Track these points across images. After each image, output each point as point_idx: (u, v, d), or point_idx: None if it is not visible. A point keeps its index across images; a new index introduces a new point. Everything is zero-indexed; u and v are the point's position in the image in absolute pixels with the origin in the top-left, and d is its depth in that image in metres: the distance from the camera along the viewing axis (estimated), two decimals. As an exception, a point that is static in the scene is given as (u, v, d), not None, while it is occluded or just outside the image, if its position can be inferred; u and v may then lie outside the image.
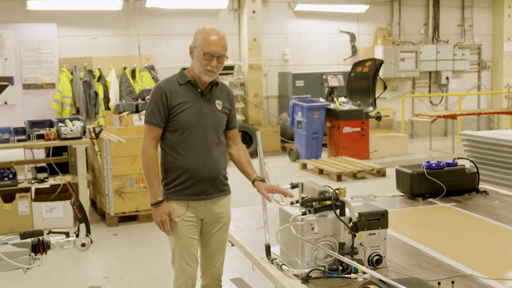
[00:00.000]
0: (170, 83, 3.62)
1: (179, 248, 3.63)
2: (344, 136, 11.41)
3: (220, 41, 3.54)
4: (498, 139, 7.30)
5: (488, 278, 3.18)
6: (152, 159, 3.57)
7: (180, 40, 12.76)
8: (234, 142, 3.86)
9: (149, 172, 3.58)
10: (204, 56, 3.51)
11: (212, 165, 3.62)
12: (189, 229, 3.62)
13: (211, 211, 3.68)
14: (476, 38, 15.86)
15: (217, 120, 3.65)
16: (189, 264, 3.61)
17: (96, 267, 6.15)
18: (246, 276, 5.46)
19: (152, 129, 3.59)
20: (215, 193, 3.67)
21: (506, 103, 15.60)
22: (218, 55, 3.52)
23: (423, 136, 15.17)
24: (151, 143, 3.59)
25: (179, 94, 3.58)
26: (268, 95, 13.79)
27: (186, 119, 3.56)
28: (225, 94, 3.75)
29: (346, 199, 3.26)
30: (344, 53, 14.51)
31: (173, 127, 3.58)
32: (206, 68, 3.52)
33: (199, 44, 3.56)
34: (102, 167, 7.47)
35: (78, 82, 11.61)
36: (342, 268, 3.24)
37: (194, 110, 3.58)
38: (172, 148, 3.61)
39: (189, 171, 3.58)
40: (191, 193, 3.61)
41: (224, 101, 3.71)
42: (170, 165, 3.63)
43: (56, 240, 3.76)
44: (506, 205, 4.80)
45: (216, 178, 3.66)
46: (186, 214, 3.61)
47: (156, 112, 3.56)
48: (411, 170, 5.03)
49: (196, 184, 3.60)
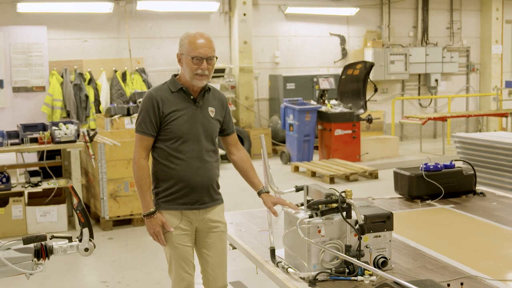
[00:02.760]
0: (162, 91, 3.55)
1: (175, 258, 3.59)
2: (336, 138, 11.44)
3: (206, 42, 3.48)
4: (491, 141, 7.36)
5: (493, 279, 3.21)
6: (143, 170, 3.51)
7: (170, 43, 12.74)
8: (236, 148, 3.82)
9: (140, 182, 3.51)
10: (192, 60, 3.45)
11: (205, 173, 3.58)
12: (184, 238, 3.58)
13: (205, 220, 3.64)
14: (464, 40, 15.97)
15: (210, 127, 3.61)
16: (186, 271, 3.58)
17: (92, 271, 6.12)
18: (245, 279, 5.46)
19: (143, 139, 3.52)
20: (209, 202, 3.64)
21: (494, 105, 15.71)
22: (207, 56, 3.47)
23: (413, 138, 15.25)
24: (143, 153, 3.52)
25: (171, 102, 3.52)
26: (259, 98, 13.81)
27: (179, 128, 3.51)
28: (218, 100, 3.70)
29: (352, 202, 3.27)
30: (334, 55, 14.55)
31: (166, 136, 3.52)
32: (197, 72, 3.47)
33: (186, 49, 3.49)
34: (97, 171, 7.44)
35: (69, 85, 11.56)
36: (349, 271, 3.25)
37: (187, 118, 3.53)
38: (165, 157, 3.55)
39: (183, 180, 3.53)
40: (185, 202, 3.57)
41: (217, 107, 3.67)
42: (163, 174, 3.56)
43: (59, 245, 3.73)
44: (504, 207, 4.83)
45: (210, 187, 3.62)
46: (180, 223, 3.57)
47: (147, 121, 3.49)
48: (410, 172, 5.05)
49: (190, 193, 3.56)
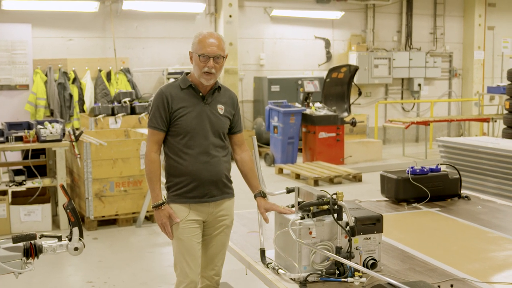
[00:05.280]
0: (172, 88, 3.65)
1: (181, 251, 3.63)
2: (320, 141, 11.49)
3: (215, 41, 3.57)
4: (475, 145, 7.45)
5: (481, 282, 3.26)
6: (153, 163, 3.61)
7: (156, 43, 12.73)
8: (241, 149, 3.88)
9: (150, 175, 3.61)
10: (199, 58, 3.55)
11: (213, 168, 3.64)
12: (192, 231, 3.62)
13: (214, 213, 3.70)
14: (447, 46, 16.13)
15: (218, 124, 3.67)
16: (191, 268, 3.61)
17: (78, 271, 6.10)
18: (232, 281, 5.48)
19: (154, 133, 3.62)
20: (218, 195, 3.69)
21: (476, 110, 15.88)
22: (213, 55, 3.54)
23: (395, 142, 15.36)
24: (154, 147, 3.63)
25: (180, 99, 3.61)
26: (244, 100, 13.83)
27: (187, 123, 3.59)
28: (228, 98, 3.78)
29: (343, 204, 3.30)
30: (319, 59, 14.62)
31: (175, 132, 3.62)
32: (204, 70, 3.55)
33: (195, 47, 3.59)
34: (82, 170, 7.41)
35: (53, 84, 11.50)
36: (339, 272, 3.28)
37: (195, 115, 3.61)
38: (174, 152, 3.64)
39: (191, 175, 3.60)
40: (193, 195, 3.63)
41: (226, 105, 3.74)
42: (173, 168, 3.65)
43: (48, 244, 3.72)
44: (489, 210, 4.90)
45: (219, 181, 3.67)
46: (188, 216, 3.62)
47: (157, 116, 3.60)
48: (396, 175, 5.10)
49: (198, 187, 3.62)
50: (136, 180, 7.54)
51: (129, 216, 7.60)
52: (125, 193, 7.51)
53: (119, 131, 8.98)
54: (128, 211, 7.58)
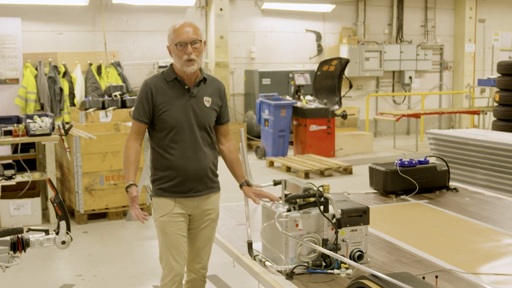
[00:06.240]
0: (157, 80, 3.63)
1: (167, 245, 3.62)
2: (311, 134, 11.50)
3: (189, 28, 3.54)
4: (464, 138, 7.48)
5: (466, 273, 3.28)
6: (129, 148, 3.62)
7: (146, 36, 12.69)
8: (226, 139, 3.87)
9: (124, 160, 3.63)
10: (177, 47, 3.52)
11: (199, 163, 3.63)
12: (177, 225, 3.62)
13: (200, 207, 3.69)
14: (438, 39, 16.15)
15: (205, 117, 3.65)
16: (177, 261, 3.61)
17: (67, 265, 6.09)
18: (221, 273, 5.49)
19: (136, 124, 3.64)
20: (203, 190, 3.68)
21: (466, 103, 15.93)
22: (190, 40, 3.52)
23: (386, 135, 15.39)
24: (133, 135, 3.65)
25: (165, 92, 3.59)
26: (235, 93, 13.82)
27: (172, 117, 3.57)
28: (215, 89, 3.74)
29: (330, 196, 3.31)
30: (310, 52, 14.62)
31: (160, 126, 3.60)
32: (184, 58, 3.52)
33: (171, 39, 3.58)
34: (72, 164, 7.40)
35: (43, 78, 11.45)
36: (326, 264, 3.29)
37: (180, 108, 3.59)
38: (160, 146, 3.63)
39: (176, 169, 3.59)
40: (178, 190, 3.62)
41: (213, 97, 3.71)
42: (158, 162, 3.65)
43: (35, 238, 3.72)
44: (476, 202, 4.92)
45: (204, 176, 3.66)
46: (173, 210, 3.61)
47: (140, 108, 3.61)
48: (385, 167, 5.12)
49: (184, 182, 3.61)
50: (126, 174, 7.51)
51: (119, 210, 7.59)
52: (115, 186, 7.50)
53: (110, 124, 8.96)
54: (118, 205, 7.57)
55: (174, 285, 3.62)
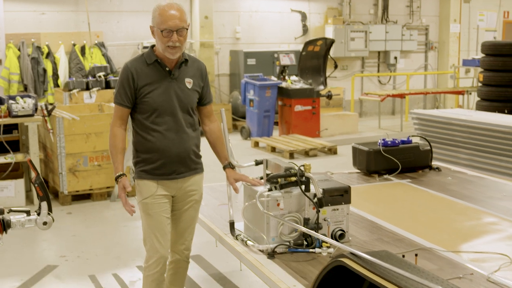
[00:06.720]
0: (138, 63, 3.58)
1: (150, 227, 3.60)
2: (296, 114, 11.50)
3: (177, 14, 3.48)
4: (448, 117, 7.51)
5: (446, 251, 3.31)
6: (115, 136, 3.57)
7: (130, 17, 12.58)
8: (209, 120, 3.84)
9: (111, 148, 3.59)
10: (162, 33, 3.46)
11: (181, 145, 3.60)
12: (160, 206, 3.60)
13: (183, 188, 3.67)
14: (423, 19, 16.14)
15: (187, 99, 3.62)
16: (161, 243, 3.59)
17: (51, 246, 6.08)
18: (205, 253, 5.50)
19: (119, 109, 3.58)
20: (186, 172, 3.66)
21: (451, 83, 15.98)
22: (176, 28, 3.46)
23: (372, 115, 15.41)
24: (117, 121, 3.59)
25: (146, 75, 3.55)
26: (220, 73, 13.77)
27: (154, 100, 3.54)
28: (196, 70, 3.71)
29: (311, 176, 3.32)
30: (295, 32, 14.57)
31: (142, 109, 3.56)
32: (168, 44, 3.47)
33: (157, 22, 3.49)
34: (55, 145, 7.35)
35: (26, 59, 11.33)
36: (307, 243, 3.31)
37: (162, 91, 3.55)
38: (142, 129, 3.59)
39: (159, 152, 3.57)
40: (161, 173, 3.59)
41: (195, 78, 3.68)
42: (141, 145, 3.61)
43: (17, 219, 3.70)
44: (458, 181, 4.96)
45: (187, 157, 3.64)
46: (157, 192, 3.59)
47: (122, 93, 3.55)
48: (368, 147, 5.14)
49: (166, 164, 3.58)
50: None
51: (103, 191, 7.57)
52: (99, 167, 7.47)
53: (93, 105, 8.90)
54: (102, 186, 7.54)
55: (158, 267, 3.62)
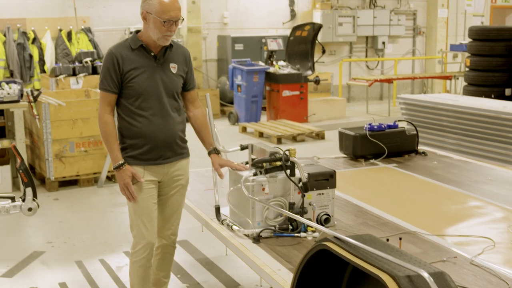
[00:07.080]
0: (122, 48, 3.55)
1: (137, 212, 3.59)
2: (283, 99, 11.49)
3: (176, 4, 3.47)
4: (434, 102, 7.54)
5: (431, 235, 3.33)
6: (108, 124, 3.53)
7: (117, 2, 12.49)
8: (194, 105, 3.82)
9: (106, 137, 3.54)
10: (164, 24, 3.42)
11: (167, 130, 3.58)
12: (147, 192, 3.58)
13: (169, 173, 3.66)
14: (411, 4, 16.13)
15: (171, 84, 3.60)
16: (147, 229, 3.58)
17: (38, 232, 6.06)
18: (192, 238, 5.50)
19: (106, 95, 3.54)
20: (173, 156, 3.64)
21: (439, 68, 16.01)
22: (177, 19, 3.47)
23: (360, 100, 15.43)
24: (107, 108, 3.54)
25: (131, 60, 3.52)
26: (207, 59, 13.72)
27: (140, 85, 3.51)
28: (181, 55, 3.69)
29: (296, 160, 3.32)
30: (283, 17, 14.52)
31: (128, 94, 3.53)
32: (166, 34, 3.46)
33: (155, 10, 3.43)
34: (41, 131, 7.32)
35: (12, 44, 11.25)
36: (292, 228, 3.32)
37: (147, 76, 3.53)
38: (128, 114, 3.56)
39: (145, 137, 3.54)
40: (148, 158, 3.57)
41: (179, 63, 3.66)
42: (126, 130, 3.59)
43: (1, 205, 3.70)
44: (444, 166, 4.98)
45: (173, 142, 3.62)
46: (144, 177, 3.57)
47: (108, 78, 3.51)
48: (354, 132, 5.15)
49: (153, 149, 3.57)
50: (97, 140, 7.46)
51: (90, 177, 7.55)
52: (86, 153, 7.44)
53: (80, 91, 8.84)
54: (89, 171, 7.52)
55: (145, 252, 3.62)
